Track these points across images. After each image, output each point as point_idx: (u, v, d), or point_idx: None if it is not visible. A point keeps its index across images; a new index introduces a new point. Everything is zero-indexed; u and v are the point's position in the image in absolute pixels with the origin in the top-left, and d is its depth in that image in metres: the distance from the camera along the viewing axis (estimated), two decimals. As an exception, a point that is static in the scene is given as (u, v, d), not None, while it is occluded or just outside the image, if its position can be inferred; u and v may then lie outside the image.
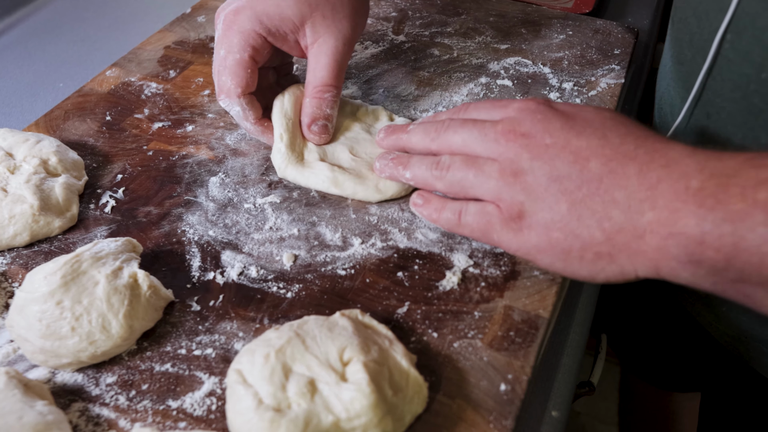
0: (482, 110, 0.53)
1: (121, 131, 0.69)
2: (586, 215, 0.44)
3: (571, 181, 0.45)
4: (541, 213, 0.46)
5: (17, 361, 0.49)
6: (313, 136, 0.62)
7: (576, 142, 0.46)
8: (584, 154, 0.45)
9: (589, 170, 0.44)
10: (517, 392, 0.46)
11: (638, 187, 0.42)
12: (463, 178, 0.50)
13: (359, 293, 0.53)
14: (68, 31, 0.92)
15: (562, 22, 0.85)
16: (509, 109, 0.50)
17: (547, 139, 0.47)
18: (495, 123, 0.49)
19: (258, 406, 0.42)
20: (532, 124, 0.48)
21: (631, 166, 0.43)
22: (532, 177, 0.46)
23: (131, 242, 0.53)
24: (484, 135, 0.49)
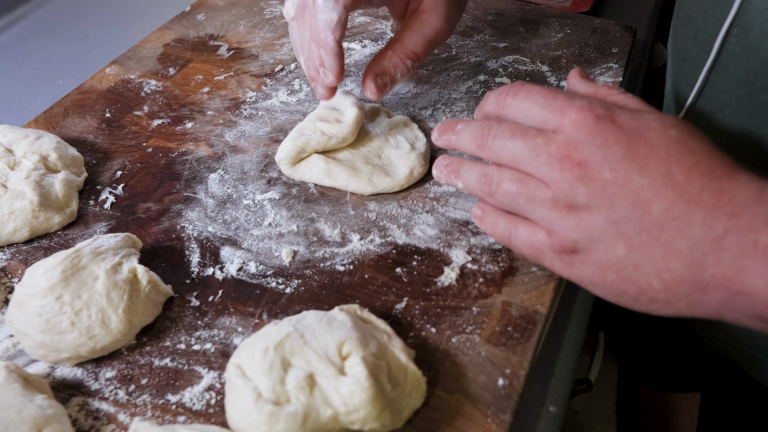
0: (535, 106, 0.46)
1: (121, 128, 0.69)
2: (644, 263, 0.41)
3: (630, 226, 0.41)
4: (596, 253, 0.43)
5: (17, 356, 0.49)
6: (371, 86, 0.60)
7: (638, 180, 0.41)
8: (646, 196, 0.41)
9: (651, 215, 0.41)
10: (515, 387, 0.46)
11: (702, 239, 0.39)
12: (513, 200, 0.46)
13: (358, 289, 0.53)
14: (68, 29, 0.93)
15: (560, 21, 0.85)
16: (565, 119, 0.44)
17: (606, 172, 0.42)
18: (548, 142, 0.44)
19: (257, 400, 0.42)
20: (590, 151, 0.42)
21: (696, 213, 0.40)
22: (588, 216, 0.43)
23: (131, 238, 0.53)
24: (536, 155, 0.44)
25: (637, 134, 0.42)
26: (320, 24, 0.57)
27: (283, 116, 0.70)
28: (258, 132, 0.68)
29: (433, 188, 0.62)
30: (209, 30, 0.84)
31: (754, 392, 0.74)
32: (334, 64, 0.58)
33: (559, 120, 0.44)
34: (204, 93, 0.74)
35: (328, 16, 0.56)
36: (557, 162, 0.43)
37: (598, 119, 0.43)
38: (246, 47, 0.81)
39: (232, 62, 0.78)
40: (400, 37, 0.61)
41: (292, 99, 0.73)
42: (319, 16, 0.57)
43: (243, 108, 0.72)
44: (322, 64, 0.58)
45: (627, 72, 0.81)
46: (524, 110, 0.46)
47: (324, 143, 0.61)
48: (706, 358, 0.79)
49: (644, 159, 0.41)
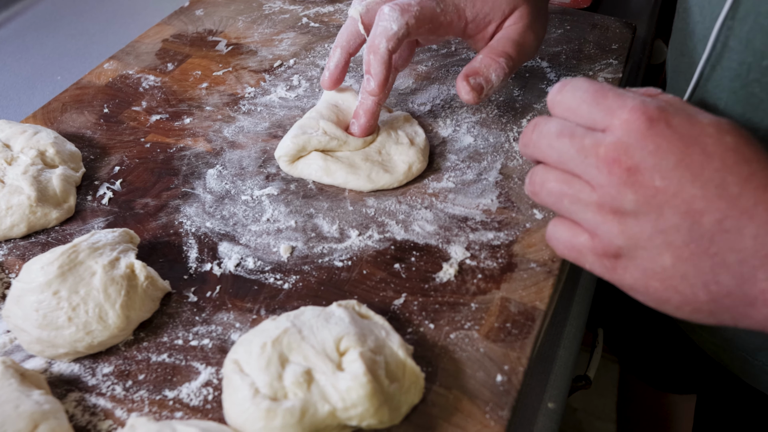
0: (583, 104, 0.43)
1: (119, 123, 0.69)
2: (691, 274, 0.40)
3: (679, 235, 0.40)
4: (640, 261, 0.42)
5: (14, 352, 0.49)
6: (465, 86, 0.59)
7: (690, 189, 0.39)
8: (698, 206, 0.39)
9: (701, 226, 0.39)
10: (514, 383, 0.46)
11: (753, 254, 0.38)
12: (558, 201, 0.45)
13: (356, 285, 0.53)
14: (66, 25, 0.92)
15: (560, 17, 0.85)
16: (615, 119, 0.41)
17: (657, 180, 0.40)
18: (597, 143, 0.42)
19: (254, 395, 0.42)
20: (642, 156, 0.40)
21: (748, 227, 0.38)
22: (634, 223, 0.41)
23: (128, 233, 0.53)
24: (583, 157, 0.42)
25: (692, 140, 0.40)
26: (378, 30, 0.57)
27: (282, 112, 0.70)
28: (256, 128, 0.68)
29: (432, 184, 0.61)
30: (208, 25, 0.84)
31: (747, 395, 0.74)
32: (379, 71, 0.58)
33: (609, 120, 0.42)
34: (202, 88, 0.73)
35: (388, 24, 0.56)
36: (605, 165, 0.41)
37: (651, 122, 0.41)
38: (245, 43, 0.81)
39: (230, 58, 0.78)
40: (490, 44, 0.61)
41: (290, 95, 0.73)
42: (380, 23, 0.57)
43: (241, 104, 0.71)
44: (368, 69, 0.58)
45: (627, 68, 0.80)
46: (572, 108, 0.44)
47: (325, 143, 0.60)
48: (699, 360, 0.79)
49: (699, 168, 0.40)
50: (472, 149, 0.65)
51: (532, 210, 0.59)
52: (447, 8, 0.58)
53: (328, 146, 0.60)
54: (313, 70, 0.76)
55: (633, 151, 0.40)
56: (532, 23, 0.61)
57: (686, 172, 0.40)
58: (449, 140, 0.66)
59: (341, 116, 0.63)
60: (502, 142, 0.66)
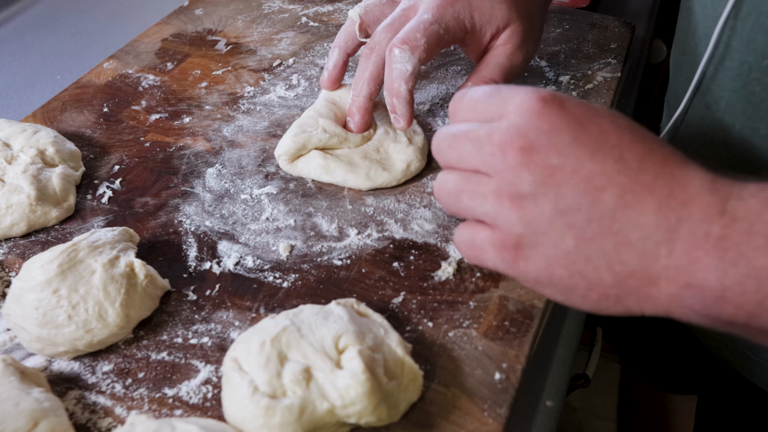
0: (479, 102, 0.44)
1: (119, 123, 0.69)
2: (595, 256, 0.39)
3: (580, 215, 0.39)
4: (542, 248, 0.40)
5: (14, 350, 0.49)
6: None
7: (589, 166, 0.39)
8: (598, 182, 0.38)
9: (602, 203, 0.38)
10: (512, 381, 0.47)
11: (656, 228, 0.38)
12: (457, 201, 0.44)
13: (355, 283, 0.53)
14: (66, 24, 0.92)
15: (559, 16, 0.85)
16: (509, 105, 0.41)
17: (554, 158, 0.39)
18: (491, 131, 0.41)
19: (253, 393, 0.42)
20: (537, 135, 0.40)
21: (649, 201, 0.38)
22: (533, 206, 0.40)
23: (128, 232, 0.53)
24: (479, 147, 0.42)
25: (587, 119, 0.40)
26: (394, 73, 0.57)
27: (281, 111, 0.70)
28: (256, 127, 0.68)
29: (430, 183, 0.62)
30: (207, 25, 0.84)
31: (749, 395, 0.74)
32: (405, 111, 0.59)
33: (504, 108, 0.41)
34: (202, 88, 0.74)
35: (403, 66, 0.57)
36: (500, 150, 0.40)
37: (545, 102, 0.40)
38: (244, 42, 0.81)
39: (230, 57, 0.78)
40: (477, 69, 0.62)
41: (290, 94, 0.73)
42: (394, 65, 0.57)
43: (241, 103, 0.71)
44: (393, 110, 0.59)
45: (626, 67, 0.81)
46: (470, 109, 0.44)
47: (325, 141, 0.61)
48: (701, 358, 0.79)
49: (595, 144, 0.39)
50: (471, 148, 0.65)
51: (531, 209, 0.59)
52: (449, 25, 0.58)
53: (329, 144, 0.61)
54: (312, 69, 0.76)
55: (527, 131, 0.40)
56: (522, 43, 0.61)
57: (583, 149, 0.39)
58: (448, 139, 0.66)
59: (339, 113, 0.63)
60: (500, 141, 0.66)
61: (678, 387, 1.01)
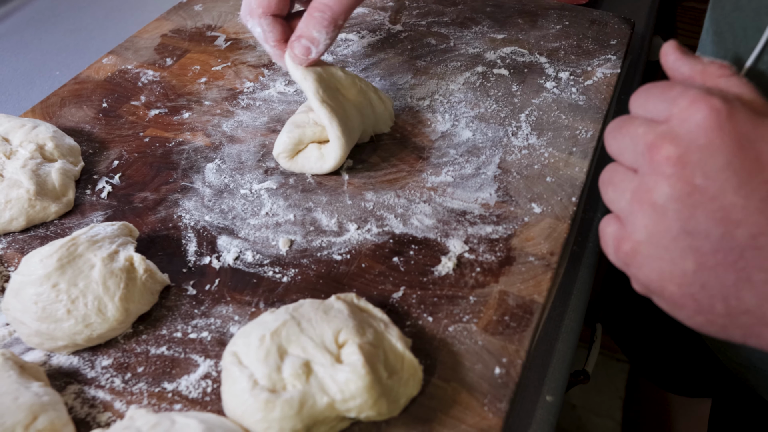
0: (650, 98, 0.42)
1: (118, 118, 0.69)
2: (712, 285, 0.38)
3: (708, 242, 0.37)
4: (659, 262, 0.39)
5: (13, 344, 0.49)
6: (291, 52, 0.59)
7: (732, 197, 0.37)
8: (735, 216, 0.36)
9: (734, 238, 0.37)
10: (512, 376, 0.46)
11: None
12: (604, 192, 0.43)
13: (355, 278, 0.53)
14: (65, 20, 0.92)
15: (558, 13, 0.85)
16: (675, 108, 0.39)
17: (698, 178, 0.37)
18: (649, 131, 0.39)
19: (253, 387, 0.42)
20: (689, 148, 0.37)
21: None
22: (662, 219, 0.38)
23: (127, 226, 0.53)
24: (635, 145, 0.40)
25: (748, 144, 0.37)
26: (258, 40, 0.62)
27: (281, 106, 0.70)
28: (255, 122, 0.68)
29: (430, 178, 0.61)
30: (207, 21, 0.84)
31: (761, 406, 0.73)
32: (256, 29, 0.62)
33: (670, 110, 0.39)
34: (201, 83, 0.73)
35: (255, 31, 0.61)
36: (649, 152, 0.39)
37: (711, 112, 0.37)
38: (243, 38, 0.81)
39: (229, 53, 0.78)
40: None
41: (289, 89, 0.73)
42: (254, 34, 0.62)
43: (240, 98, 0.71)
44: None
45: (625, 64, 0.80)
46: (642, 104, 0.42)
47: (319, 133, 0.61)
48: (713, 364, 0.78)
49: (747, 175, 0.37)
50: (471, 144, 0.65)
51: (531, 204, 0.59)
52: None
53: (323, 136, 0.61)
54: (312, 65, 0.76)
55: (681, 141, 0.38)
56: None
57: (733, 177, 0.37)
58: (448, 135, 0.66)
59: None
60: (500, 137, 0.66)
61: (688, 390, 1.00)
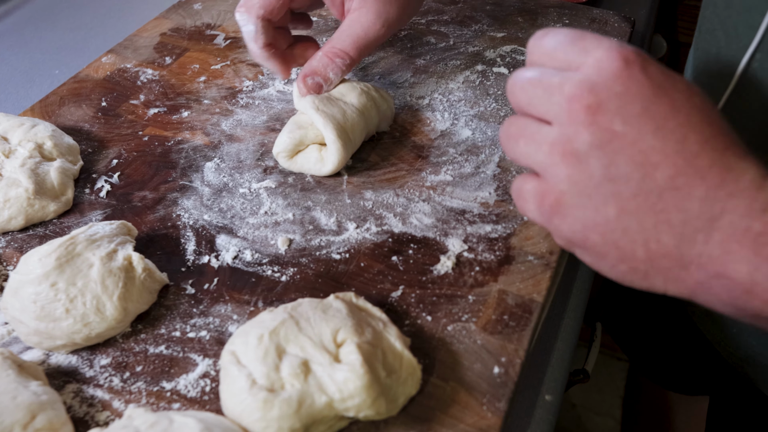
0: (559, 45, 0.42)
1: (117, 117, 0.69)
2: (634, 230, 0.39)
3: (628, 187, 0.38)
4: (582, 210, 0.40)
5: (12, 343, 0.49)
6: (302, 87, 0.62)
7: (650, 140, 0.38)
8: (654, 159, 0.38)
9: (653, 180, 0.38)
10: (511, 375, 0.46)
11: (698, 215, 0.37)
12: (514, 146, 0.43)
13: (354, 277, 0.53)
14: (64, 19, 0.92)
15: (558, 11, 0.85)
16: (589, 58, 0.39)
17: (618, 124, 0.38)
18: (564, 81, 0.40)
19: (251, 386, 0.42)
20: (608, 96, 0.38)
21: (698, 187, 0.37)
22: (584, 167, 0.39)
23: (126, 225, 0.53)
24: (549, 95, 0.40)
25: (662, 91, 0.38)
26: (245, 36, 0.62)
27: (280, 105, 0.70)
28: (254, 121, 0.68)
29: (429, 177, 0.61)
30: (206, 19, 0.84)
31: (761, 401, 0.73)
32: (270, 66, 0.65)
33: (583, 59, 0.40)
34: (200, 82, 0.73)
35: (247, 28, 0.61)
36: (567, 102, 0.39)
37: (626, 62, 0.38)
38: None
39: (228, 51, 0.78)
40: (332, 38, 0.62)
41: (288, 88, 0.72)
42: (242, 29, 0.62)
43: (239, 97, 0.71)
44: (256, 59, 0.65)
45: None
46: (549, 52, 0.42)
47: (321, 135, 0.60)
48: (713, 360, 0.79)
49: (663, 120, 0.38)
50: (470, 142, 0.65)
51: (530, 203, 0.59)
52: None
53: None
54: (312, 64, 0.76)
55: (599, 90, 0.38)
56: (380, 10, 0.61)
57: (650, 122, 0.38)
58: (447, 134, 0.66)
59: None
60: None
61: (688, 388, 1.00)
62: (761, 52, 0.50)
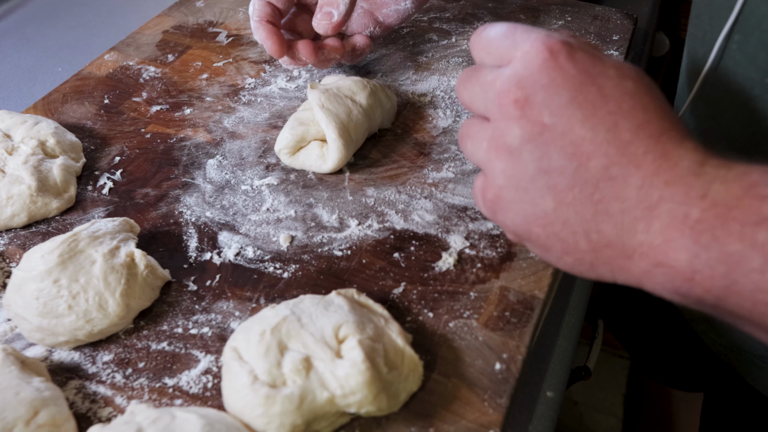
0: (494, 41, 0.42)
1: (119, 114, 0.69)
2: (573, 221, 0.39)
3: (563, 178, 0.38)
4: (521, 204, 0.40)
5: (14, 340, 0.50)
6: (316, 21, 0.64)
7: (580, 131, 0.38)
8: (585, 149, 0.37)
9: (587, 170, 0.38)
10: (512, 371, 0.46)
11: (636, 204, 0.37)
12: (464, 146, 0.43)
13: (355, 274, 0.53)
14: (67, 16, 0.92)
15: (560, 8, 0.84)
16: (518, 51, 0.40)
17: (546, 116, 0.38)
18: (495, 77, 0.40)
19: (253, 382, 0.42)
20: (534, 89, 0.38)
21: (634, 175, 0.37)
22: (517, 161, 0.39)
23: (128, 222, 0.53)
24: (485, 92, 0.41)
25: (589, 79, 0.38)
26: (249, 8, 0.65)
27: (282, 102, 0.70)
28: (257, 118, 0.68)
29: (431, 174, 0.61)
30: (208, 17, 0.84)
31: (753, 399, 0.73)
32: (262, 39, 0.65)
33: (512, 52, 0.40)
34: (203, 79, 0.73)
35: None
36: (497, 98, 0.39)
37: (551, 53, 0.38)
38: (245, 34, 0.81)
39: (231, 49, 0.78)
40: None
41: (290, 85, 0.73)
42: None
43: (242, 94, 0.71)
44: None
45: (628, 60, 0.80)
46: (486, 47, 0.42)
47: (323, 132, 0.60)
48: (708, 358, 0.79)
49: (591, 108, 0.38)
50: (472, 140, 0.65)
51: (532, 200, 0.59)
52: None
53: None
54: (314, 61, 0.76)
55: (525, 83, 0.38)
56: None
57: (578, 112, 0.38)
58: (449, 131, 0.66)
59: None
60: (502, 133, 0.66)
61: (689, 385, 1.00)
62: (739, 33, 0.51)
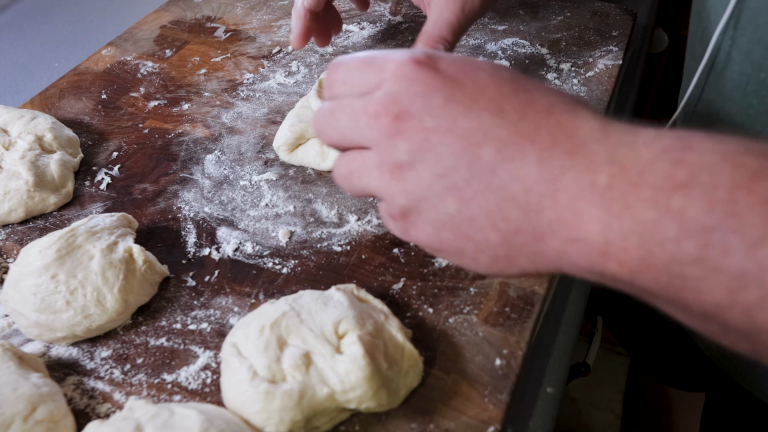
0: (355, 72, 0.41)
1: (117, 109, 0.68)
2: (478, 216, 0.37)
3: (459, 175, 0.37)
4: (426, 213, 0.39)
5: (12, 336, 0.49)
6: None
7: (464, 123, 0.36)
8: (474, 139, 0.36)
9: (481, 159, 0.36)
10: (512, 367, 0.46)
11: (538, 180, 0.35)
12: (351, 184, 0.42)
13: (355, 269, 0.53)
14: (64, 11, 0.92)
15: (560, 4, 0.84)
16: (385, 72, 0.39)
17: (427, 121, 0.37)
18: (366, 103, 0.39)
19: (252, 378, 0.42)
20: (410, 100, 0.37)
21: (530, 151, 0.35)
22: (412, 175, 0.38)
23: (126, 217, 0.53)
24: (356, 121, 0.39)
25: (463, 75, 0.38)
26: None
27: (281, 98, 0.70)
28: (255, 113, 0.68)
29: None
30: (206, 12, 0.84)
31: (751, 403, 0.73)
32: (294, 24, 0.67)
33: (380, 76, 0.39)
34: (201, 75, 0.73)
35: None
36: (374, 120, 0.38)
37: (418, 65, 0.38)
38: (243, 29, 0.80)
39: (229, 44, 0.78)
40: (426, 29, 0.61)
41: (289, 81, 0.72)
42: None
43: (240, 89, 0.71)
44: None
45: (627, 56, 0.80)
46: (346, 81, 0.41)
47: None
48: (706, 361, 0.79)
49: (471, 100, 0.37)
50: (472, 135, 0.65)
51: (532, 195, 0.58)
52: None
53: None
54: (312, 56, 0.76)
55: (400, 97, 0.38)
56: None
57: (458, 106, 0.37)
58: (448, 126, 0.66)
59: None
60: (501, 128, 0.66)
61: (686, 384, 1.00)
62: (734, 30, 0.51)
